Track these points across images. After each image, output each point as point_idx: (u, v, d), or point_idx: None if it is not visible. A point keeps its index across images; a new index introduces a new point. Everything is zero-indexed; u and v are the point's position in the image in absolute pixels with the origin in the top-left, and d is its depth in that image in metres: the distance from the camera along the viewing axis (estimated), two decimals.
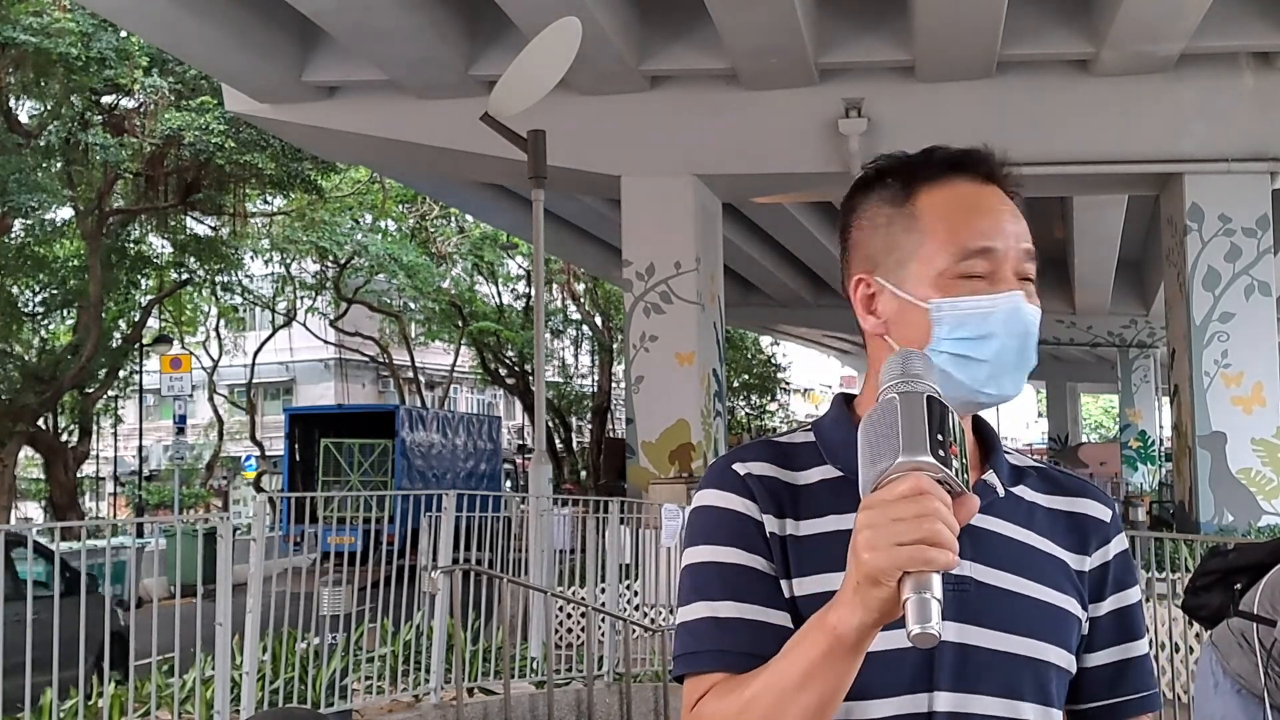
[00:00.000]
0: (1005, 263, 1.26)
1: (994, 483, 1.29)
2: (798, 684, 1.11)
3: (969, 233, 1.26)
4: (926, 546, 1.01)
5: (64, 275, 21.59)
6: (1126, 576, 1.34)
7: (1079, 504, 1.33)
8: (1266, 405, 12.14)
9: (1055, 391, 38.61)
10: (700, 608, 1.24)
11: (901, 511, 1.02)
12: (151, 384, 26.82)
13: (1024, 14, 11.24)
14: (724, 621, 1.22)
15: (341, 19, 11.21)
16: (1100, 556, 1.32)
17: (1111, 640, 1.32)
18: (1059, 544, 1.30)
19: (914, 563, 1.01)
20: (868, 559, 1.03)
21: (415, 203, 28.35)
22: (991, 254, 1.25)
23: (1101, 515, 1.33)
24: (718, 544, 1.25)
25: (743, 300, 24.21)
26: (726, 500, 1.27)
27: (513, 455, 34.67)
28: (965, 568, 1.23)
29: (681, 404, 13.03)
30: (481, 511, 8.44)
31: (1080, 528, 1.32)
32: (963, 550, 1.20)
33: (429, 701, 7.10)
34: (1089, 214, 16.93)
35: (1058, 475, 1.36)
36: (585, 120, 12.57)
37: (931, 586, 1.02)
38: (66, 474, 20.98)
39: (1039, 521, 1.30)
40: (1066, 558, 1.30)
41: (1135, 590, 1.35)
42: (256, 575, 6.10)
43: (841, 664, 1.10)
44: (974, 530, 1.24)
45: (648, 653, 8.72)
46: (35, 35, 16.52)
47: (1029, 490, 1.32)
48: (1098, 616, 1.31)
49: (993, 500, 1.27)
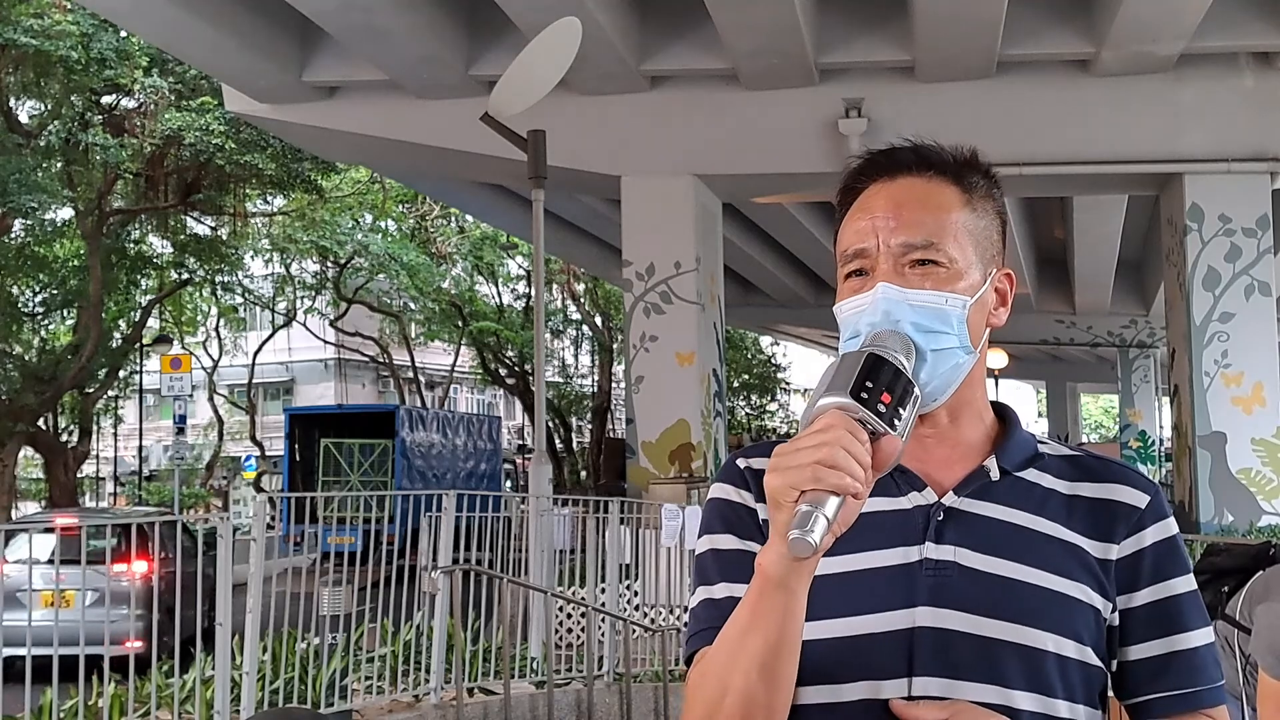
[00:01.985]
0: (881, 258, 1.27)
1: (990, 468, 1.30)
2: (743, 629, 1.17)
3: (847, 237, 1.31)
4: (820, 466, 1.08)
5: (64, 275, 21.58)
6: (1169, 566, 1.29)
7: (1109, 490, 1.31)
8: (1266, 405, 12.14)
9: (1055, 391, 38.65)
10: (700, 593, 1.32)
11: (807, 441, 1.10)
12: (151, 384, 26.83)
13: (1024, 14, 11.24)
14: (718, 601, 1.27)
15: (341, 19, 11.20)
16: (1133, 544, 1.28)
17: (1153, 633, 1.28)
18: (1076, 530, 1.28)
19: (805, 481, 1.08)
20: (769, 481, 1.12)
21: (415, 203, 28.35)
22: (864, 254, 1.29)
23: (1135, 501, 1.30)
24: (715, 532, 1.34)
25: (743, 300, 24.21)
26: (725, 491, 1.35)
27: (513, 455, 34.66)
28: (948, 552, 1.25)
29: (681, 404, 13.03)
30: (481, 511, 8.43)
31: (1107, 515, 1.29)
32: (947, 534, 1.26)
33: (429, 701, 7.10)
34: (1089, 214, 16.92)
35: (1091, 463, 1.34)
36: (585, 120, 12.57)
37: (824, 505, 1.08)
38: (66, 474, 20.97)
39: (1052, 507, 1.29)
40: (1085, 544, 1.27)
41: (1182, 581, 1.29)
42: (256, 575, 6.10)
43: (773, 601, 1.15)
44: (962, 515, 1.27)
45: (648, 653, 8.73)
46: (35, 37, 16.52)
47: (1047, 476, 1.31)
48: (1133, 608, 1.28)
49: (986, 485, 1.29)
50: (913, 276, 1.26)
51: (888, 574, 1.25)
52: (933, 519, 1.27)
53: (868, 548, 1.26)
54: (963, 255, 1.28)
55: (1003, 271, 1.34)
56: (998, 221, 1.35)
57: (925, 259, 1.26)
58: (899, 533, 1.27)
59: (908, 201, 1.29)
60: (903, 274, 1.26)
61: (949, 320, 1.25)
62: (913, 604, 1.23)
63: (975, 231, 1.31)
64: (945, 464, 1.31)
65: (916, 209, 1.28)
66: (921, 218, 1.28)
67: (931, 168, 1.32)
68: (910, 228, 1.27)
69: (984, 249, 1.31)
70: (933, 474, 1.30)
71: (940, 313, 1.25)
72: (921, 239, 1.27)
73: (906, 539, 1.26)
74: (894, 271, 1.26)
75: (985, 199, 1.34)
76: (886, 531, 1.27)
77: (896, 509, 1.28)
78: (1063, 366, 35.17)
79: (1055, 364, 34.89)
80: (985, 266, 1.31)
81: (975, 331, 1.28)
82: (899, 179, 1.31)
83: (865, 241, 1.28)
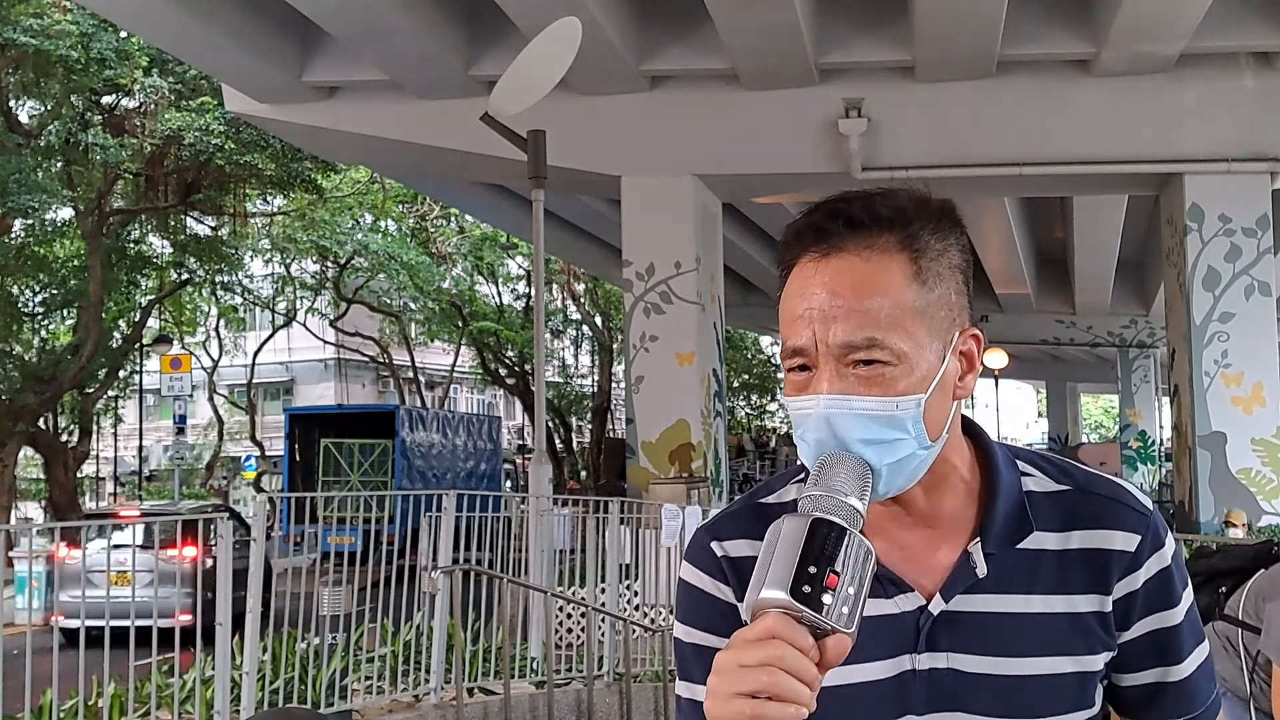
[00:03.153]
0: (820, 358, 1.15)
1: (975, 561, 1.21)
2: None
3: (787, 329, 1.19)
4: (766, 700, 0.98)
5: (64, 275, 21.57)
6: (1164, 599, 1.24)
7: (1100, 538, 1.23)
8: (1266, 405, 12.14)
9: (1055, 391, 38.64)
10: (683, 688, 1.27)
11: (747, 658, 0.99)
12: (151, 384, 26.83)
13: (1024, 14, 11.24)
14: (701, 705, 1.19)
15: (342, 19, 11.21)
16: (1126, 586, 1.23)
17: (1146, 663, 1.26)
18: (1072, 592, 1.22)
19: (750, 718, 0.98)
20: (708, 708, 1.01)
21: (415, 203, 28.35)
22: (803, 351, 1.16)
23: (1126, 546, 1.22)
24: (693, 626, 1.27)
25: (743, 300, 24.21)
26: (701, 581, 1.28)
27: (513, 455, 34.67)
28: (941, 659, 1.20)
29: (681, 404, 13.03)
30: (481, 511, 8.44)
31: (1099, 565, 1.22)
32: (940, 641, 1.20)
33: (429, 701, 7.11)
34: (1089, 214, 16.93)
35: (1079, 502, 1.24)
36: (585, 120, 12.57)
37: None
38: (66, 474, 20.96)
39: (1045, 576, 1.22)
40: (1082, 603, 1.22)
41: (1176, 612, 1.25)
42: (256, 575, 6.10)
43: None
44: (953, 617, 1.21)
45: (648, 653, 8.72)
46: (35, 37, 16.52)
47: (1041, 536, 1.23)
48: (1127, 640, 1.24)
49: (973, 582, 1.21)
50: (855, 379, 1.14)
51: (880, 687, 1.20)
52: (923, 628, 1.20)
53: (858, 660, 1.15)
54: (913, 344, 1.14)
55: (966, 333, 1.20)
56: (957, 277, 1.20)
57: (869, 359, 1.13)
58: (889, 642, 1.20)
59: (843, 290, 1.15)
60: (844, 376, 1.14)
61: (902, 425, 1.13)
62: (909, 713, 1.20)
63: (926, 309, 1.16)
64: (927, 550, 1.23)
65: (854, 297, 1.14)
66: (861, 308, 1.14)
67: (872, 234, 1.17)
68: (848, 323, 1.14)
69: (939, 323, 1.17)
70: (914, 571, 1.22)
71: (891, 419, 1.13)
72: (862, 338, 1.13)
73: (898, 648, 1.20)
74: (836, 376, 1.14)
75: (939, 259, 1.18)
76: (876, 641, 1.19)
77: (883, 614, 1.21)
78: (1063, 366, 35.16)
79: (1055, 364, 34.88)
80: (945, 339, 1.17)
81: (936, 421, 1.16)
82: (833, 258, 1.17)
83: (801, 338, 1.16)
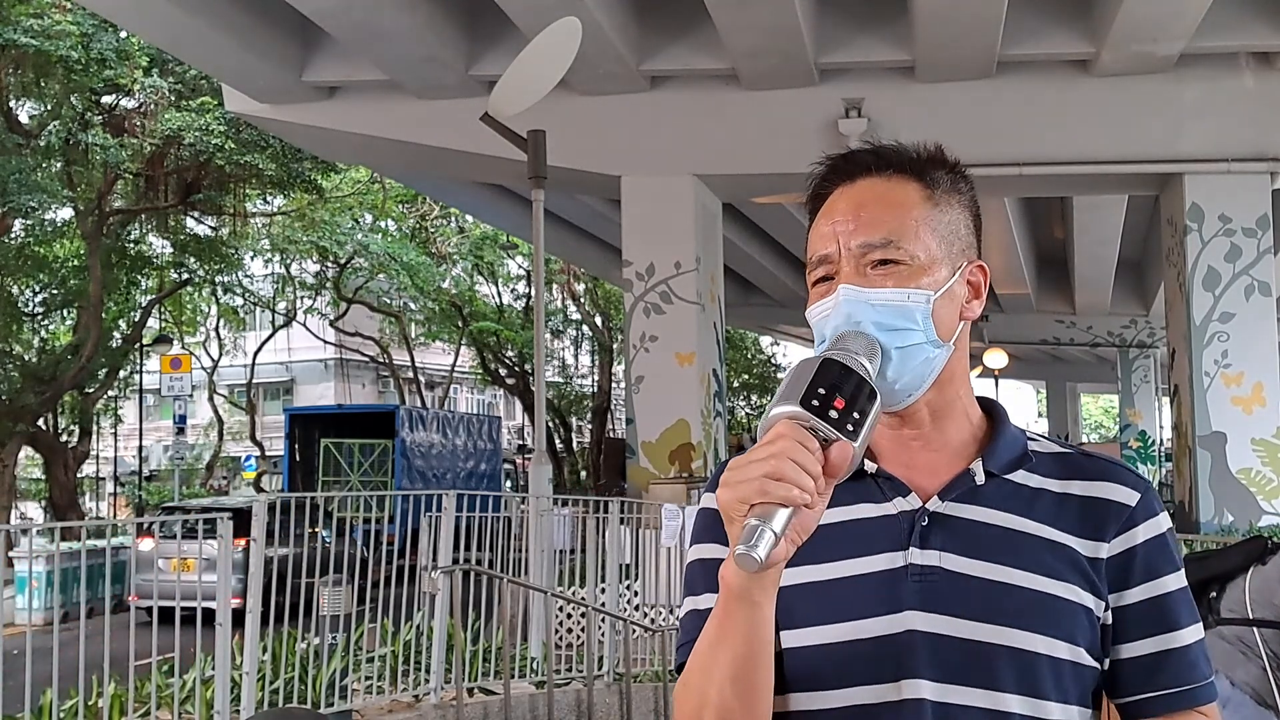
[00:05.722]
0: (843, 261, 1.28)
1: (975, 471, 1.29)
2: (712, 642, 1.18)
3: (813, 243, 1.32)
4: (767, 480, 1.08)
5: (64, 275, 21.57)
6: (1161, 563, 1.29)
7: (1099, 488, 1.30)
8: (1266, 405, 12.14)
9: (1055, 391, 38.65)
10: (688, 603, 1.33)
11: (757, 454, 1.10)
12: (151, 384, 26.81)
13: (1024, 14, 11.25)
14: (703, 612, 1.26)
15: (341, 19, 11.21)
16: (1123, 542, 1.27)
17: (1145, 631, 1.28)
18: (1066, 530, 1.27)
19: (753, 494, 1.09)
20: (720, 496, 1.13)
21: (415, 203, 28.34)
22: (828, 259, 1.29)
23: (1125, 499, 1.29)
24: (702, 542, 1.34)
25: (743, 300, 24.22)
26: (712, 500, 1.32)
27: (513, 455, 34.65)
28: (933, 557, 1.24)
29: (681, 404, 13.03)
30: (481, 511, 8.44)
31: (1097, 513, 1.28)
32: (932, 539, 1.25)
33: (429, 701, 7.10)
34: (1089, 214, 16.93)
35: (1081, 461, 1.33)
36: (585, 120, 12.57)
37: (772, 519, 1.08)
38: (66, 474, 20.96)
39: (1042, 508, 1.28)
40: (1075, 544, 1.26)
41: (1174, 578, 1.29)
42: (256, 575, 6.10)
43: (738, 613, 1.15)
44: (948, 519, 1.26)
45: (648, 653, 8.73)
46: (35, 37, 16.52)
47: (1036, 476, 1.30)
48: (1125, 605, 1.27)
49: (972, 488, 1.28)
50: (874, 276, 1.26)
51: (874, 580, 1.24)
52: (917, 524, 1.26)
53: (853, 554, 1.26)
54: (926, 251, 1.27)
55: (974, 264, 1.33)
56: (967, 215, 1.34)
57: (886, 258, 1.26)
58: (884, 539, 1.26)
59: (866, 202, 1.29)
60: (865, 275, 1.26)
61: (912, 316, 1.25)
62: (900, 609, 1.23)
63: (939, 226, 1.30)
64: (930, 468, 1.30)
65: (875, 208, 1.28)
66: (880, 216, 1.28)
67: (891, 167, 1.31)
68: (869, 228, 1.27)
69: (951, 244, 1.30)
70: (917, 479, 1.29)
71: (903, 309, 1.25)
72: (880, 238, 1.27)
73: (892, 545, 1.26)
74: (856, 273, 1.27)
75: (950, 194, 1.32)
76: (871, 538, 1.26)
77: (881, 515, 1.28)
78: (1063, 366, 35.17)
79: (1055, 364, 34.89)
80: (954, 261, 1.30)
81: (944, 325, 1.27)
82: (858, 181, 1.31)
83: (827, 247, 1.29)
